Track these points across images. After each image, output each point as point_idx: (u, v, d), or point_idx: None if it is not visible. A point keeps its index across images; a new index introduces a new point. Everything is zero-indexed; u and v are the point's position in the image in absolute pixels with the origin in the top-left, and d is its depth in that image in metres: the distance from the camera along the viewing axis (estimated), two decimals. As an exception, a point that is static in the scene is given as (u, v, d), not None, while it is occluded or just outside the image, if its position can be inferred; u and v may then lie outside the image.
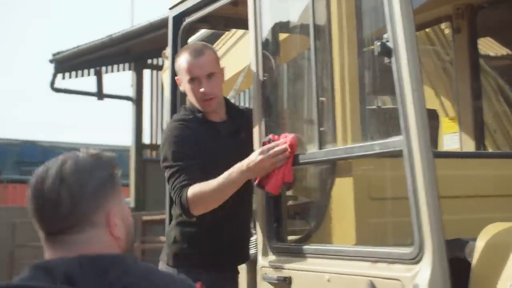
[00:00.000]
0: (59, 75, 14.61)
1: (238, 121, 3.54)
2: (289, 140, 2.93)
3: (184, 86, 3.49)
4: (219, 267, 3.43)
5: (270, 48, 3.29)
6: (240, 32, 5.42)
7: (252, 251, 3.86)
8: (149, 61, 15.30)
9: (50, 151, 26.24)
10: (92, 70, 14.92)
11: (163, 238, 4.03)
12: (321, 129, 2.91)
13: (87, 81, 15.16)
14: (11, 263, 12.91)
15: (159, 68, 15.61)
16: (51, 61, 14.53)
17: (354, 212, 2.91)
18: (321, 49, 3.00)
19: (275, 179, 2.99)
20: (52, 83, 14.53)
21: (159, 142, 15.82)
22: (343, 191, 2.94)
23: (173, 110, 4.10)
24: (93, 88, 15.16)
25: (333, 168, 2.99)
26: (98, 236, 1.82)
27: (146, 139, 15.46)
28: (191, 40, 4.75)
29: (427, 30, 5.00)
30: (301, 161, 2.97)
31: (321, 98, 2.96)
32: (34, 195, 1.80)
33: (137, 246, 12.15)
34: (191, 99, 3.49)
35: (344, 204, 2.96)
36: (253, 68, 3.29)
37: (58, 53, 14.43)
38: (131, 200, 15.16)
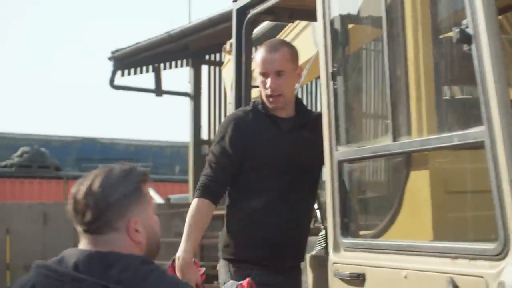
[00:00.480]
0: (118, 72, 14.65)
1: (303, 120, 3.56)
2: None
3: (257, 79, 3.55)
4: (268, 263, 3.41)
5: (339, 38, 3.18)
6: (303, 24, 5.34)
7: (318, 248, 3.78)
8: (207, 57, 15.20)
9: (110, 148, 26.58)
10: (150, 67, 14.91)
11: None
12: (394, 121, 2.79)
13: (145, 78, 15.22)
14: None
15: (217, 64, 15.57)
16: (110, 59, 14.58)
17: (430, 206, 2.79)
18: (394, 37, 2.87)
19: None
20: (112, 80, 14.58)
21: (217, 137, 15.82)
22: (418, 184, 2.82)
23: (238, 103, 4.07)
24: (152, 85, 15.20)
25: (407, 161, 2.88)
26: (118, 239, 2.12)
27: (204, 135, 15.44)
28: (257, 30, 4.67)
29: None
30: (374, 154, 2.87)
31: (394, 89, 2.84)
32: (70, 202, 2.14)
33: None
34: (261, 93, 3.54)
35: (420, 198, 2.84)
36: (322, 59, 3.19)
37: (117, 50, 14.47)
38: (190, 195, 15.23)
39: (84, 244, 2.13)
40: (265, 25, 5.53)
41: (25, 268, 12.94)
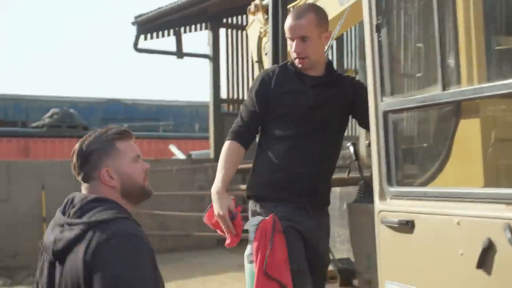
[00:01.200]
0: (142, 36, 14.51)
1: (330, 79, 3.63)
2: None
3: (288, 41, 3.64)
4: (291, 201, 3.47)
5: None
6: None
7: (360, 196, 3.66)
8: (225, 20, 15.12)
9: (133, 108, 26.49)
10: (171, 31, 14.77)
11: (242, 186, 4.01)
12: (444, 70, 2.61)
13: (167, 41, 15.07)
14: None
15: (234, 26, 15.43)
16: (133, 23, 14.43)
17: (481, 154, 2.64)
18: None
19: (216, 223, 3.52)
20: (136, 44, 14.46)
21: (235, 96, 15.77)
22: (468, 133, 2.66)
23: (275, 60, 4.06)
24: (173, 48, 15.05)
25: (457, 110, 2.71)
26: (96, 185, 2.57)
27: (223, 94, 15.36)
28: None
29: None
30: (422, 104, 2.71)
31: (443, 38, 2.66)
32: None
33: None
34: (290, 53, 3.64)
35: (470, 146, 2.68)
36: (366, 12, 3.01)
37: (140, 15, 14.31)
38: (211, 151, 15.16)
39: (82, 189, 2.62)
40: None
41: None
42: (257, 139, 3.76)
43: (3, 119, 21.50)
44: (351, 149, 3.80)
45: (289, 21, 3.58)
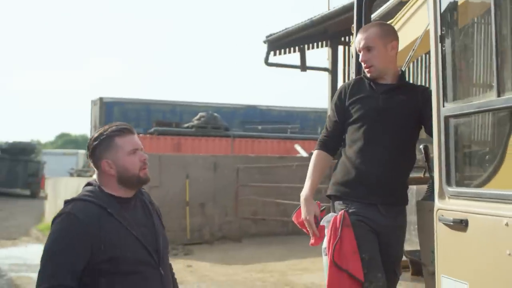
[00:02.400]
0: (271, 53, 14.56)
1: (401, 86, 3.42)
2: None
3: None
4: (362, 199, 3.28)
5: (448, 5, 2.71)
6: (419, 3, 4.81)
7: (427, 195, 3.37)
8: (342, 38, 14.89)
9: (267, 113, 26.68)
10: (296, 48, 14.72)
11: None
12: (499, 77, 2.31)
13: (293, 57, 15.04)
14: (236, 198, 13.18)
15: (350, 44, 15.12)
16: (264, 42, 14.50)
17: (534, 158, 2.31)
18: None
19: (302, 223, 3.39)
20: (266, 59, 14.53)
21: (350, 104, 15.45)
22: (522, 137, 2.33)
23: (358, 74, 3.89)
24: (298, 62, 14.98)
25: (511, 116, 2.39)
26: (101, 173, 2.67)
27: (340, 102, 15.06)
28: (375, 14, 4.32)
29: None
30: (479, 110, 2.42)
31: (499, 47, 2.35)
32: None
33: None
34: None
35: (524, 150, 2.35)
36: (432, 24, 2.74)
37: (270, 35, 14.36)
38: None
39: None
40: (388, 4, 5.03)
41: (200, 205, 13.24)
42: None
43: (161, 120, 22.30)
44: (422, 150, 3.50)
45: (357, 36, 3.52)
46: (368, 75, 3.43)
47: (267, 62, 14.59)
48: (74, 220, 2.51)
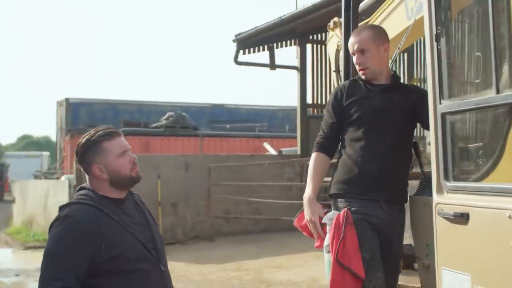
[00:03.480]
0: (241, 51, 14.56)
1: (395, 86, 3.50)
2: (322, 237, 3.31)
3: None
4: (363, 196, 3.30)
5: (442, 3, 2.77)
6: (396, 2, 4.88)
7: (421, 190, 3.43)
8: (311, 37, 15.03)
9: (235, 112, 26.68)
10: (266, 46, 14.76)
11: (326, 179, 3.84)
12: (498, 75, 2.37)
13: (262, 56, 15.08)
14: (208, 197, 13.16)
15: (319, 42, 15.26)
16: (234, 41, 14.49)
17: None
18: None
19: (304, 226, 3.43)
20: (236, 58, 14.53)
21: (319, 102, 15.57)
22: (521, 133, 2.40)
23: (347, 72, 3.91)
24: (267, 61, 15.03)
25: (510, 112, 2.45)
26: (92, 178, 2.70)
27: (309, 100, 15.24)
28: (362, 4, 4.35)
29: None
30: (478, 106, 2.48)
31: (498, 45, 2.41)
32: None
33: (305, 185, 12.04)
34: None
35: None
36: (427, 23, 2.80)
37: (239, 33, 14.36)
38: (298, 148, 15.03)
39: None
40: (365, 3, 5.09)
41: (172, 205, 13.17)
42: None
43: (129, 120, 22.11)
44: (412, 147, 3.57)
45: (350, 39, 3.53)
46: (363, 77, 3.48)
47: (236, 61, 14.60)
48: (73, 222, 2.52)
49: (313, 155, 3.53)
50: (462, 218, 2.51)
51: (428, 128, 3.18)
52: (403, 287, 3.46)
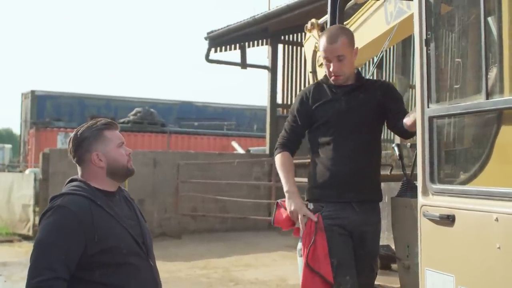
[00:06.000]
0: (212, 49, 14.54)
1: (360, 85, 3.49)
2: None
3: (322, 60, 3.54)
4: (335, 199, 3.34)
5: (432, 9, 2.81)
6: (377, 4, 4.94)
7: (402, 192, 3.47)
8: (282, 37, 15.08)
9: (203, 110, 26.62)
10: (237, 45, 14.77)
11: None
12: (487, 80, 2.42)
13: (234, 54, 15.09)
14: (176, 194, 13.09)
15: (291, 43, 15.35)
16: (205, 38, 14.46)
17: (520, 157, 2.44)
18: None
19: (284, 221, 3.40)
20: (207, 55, 14.50)
21: (289, 102, 15.65)
22: (509, 138, 2.45)
23: None
24: (238, 59, 15.04)
25: (499, 117, 2.50)
26: (87, 167, 2.67)
27: (279, 100, 15.30)
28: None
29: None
30: (466, 111, 2.53)
31: (488, 51, 2.46)
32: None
33: (273, 185, 12.15)
34: (326, 71, 3.51)
35: (510, 150, 2.48)
36: (416, 27, 2.83)
37: (212, 31, 14.34)
38: (266, 147, 15.07)
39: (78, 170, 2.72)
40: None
41: (139, 201, 13.04)
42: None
43: (95, 116, 21.82)
44: (396, 149, 3.62)
45: (325, 44, 3.44)
46: (334, 82, 3.49)
47: (208, 59, 14.58)
48: (67, 212, 2.49)
49: (280, 154, 3.56)
50: (448, 220, 2.55)
51: (391, 128, 3.27)
52: (382, 287, 3.50)
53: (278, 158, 3.55)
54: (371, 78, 4.47)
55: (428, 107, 2.74)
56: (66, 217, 2.48)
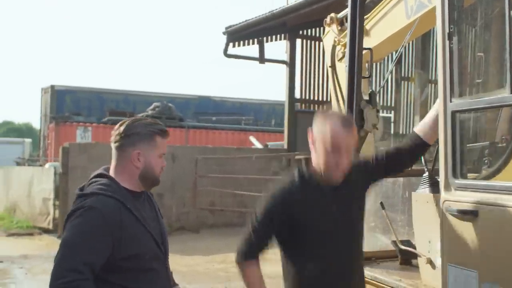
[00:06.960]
0: (230, 44, 14.53)
1: (348, 180, 2.75)
2: None
3: (318, 148, 2.70)
4: None
5: (455, 2, 2.78)
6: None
7: (424, 187, 3.45)
8: (301, 32, 15.04)
9: (221, 104, 26.63)
10: (255, 40, 14.75)
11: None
12: (512, 75, 2.39)
13: (252, 49, 15.08)
14: (194, 188, 13.13)
15: (309, 37, 15.30)
16: (224, 33, 14.45)
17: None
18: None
19: None
20: (226, 50, 14.50)
21: (308, 97, 15.61)
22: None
23: (351, 70, 3.76)
24: (256, 54, 15.02)
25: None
26: (125, 159, 2.59)
27: (297, 95, 15.28)
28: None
29: None
30: (490, 105, 2.50)
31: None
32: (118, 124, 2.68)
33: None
34: (320, 162, 2.72)
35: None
36: (439, 22, 2.80)
37: (230, 26, 14.33)
38: (284, 142, 15.06)
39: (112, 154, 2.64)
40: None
41: (158, 195, 13.09)
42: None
43: (115, 110, 21.95)
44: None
45: (338, 130, 2.64)
46: (335, 177, 2.72)
47: (226, 54, 14.57)
48: (97, 214, 2.44)
49: (246, 268, 2.86)
50: (471, 215, 2.53)
51: (393, 170, 2.93)
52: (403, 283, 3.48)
53: (246, 274, 2.87)
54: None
55: (451, 102, 2.72)
56: (96, 220, 2.44)
